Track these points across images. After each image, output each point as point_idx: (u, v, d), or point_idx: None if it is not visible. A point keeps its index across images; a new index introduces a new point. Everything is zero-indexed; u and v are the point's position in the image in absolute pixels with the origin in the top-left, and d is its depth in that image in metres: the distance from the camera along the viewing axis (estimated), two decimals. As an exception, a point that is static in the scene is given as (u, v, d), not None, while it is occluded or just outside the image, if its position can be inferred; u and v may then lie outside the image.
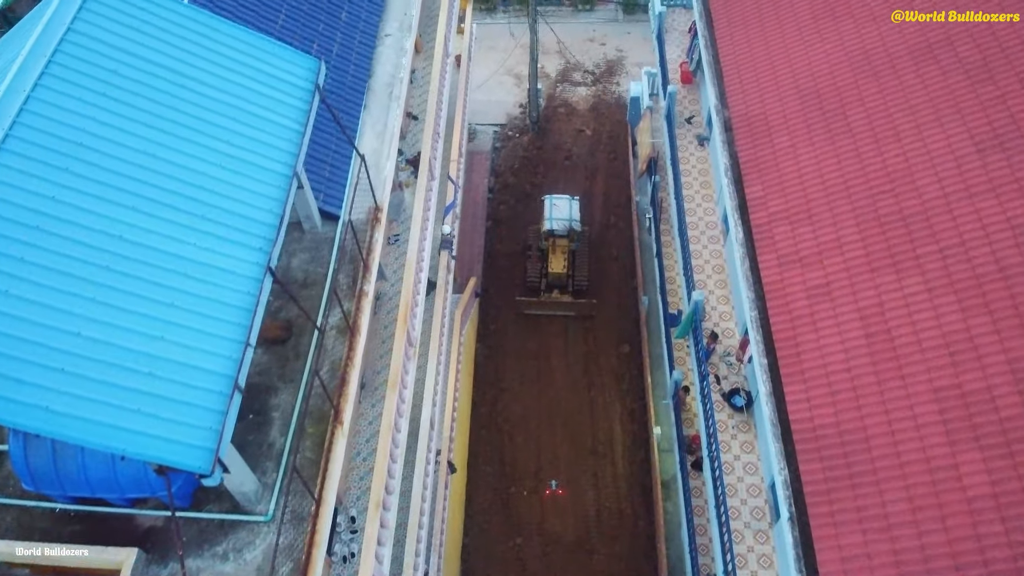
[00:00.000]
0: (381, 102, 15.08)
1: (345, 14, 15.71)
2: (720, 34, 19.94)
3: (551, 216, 28.49)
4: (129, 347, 7.97)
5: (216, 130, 9.78)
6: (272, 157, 9.95)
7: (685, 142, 23.64)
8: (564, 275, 28.79)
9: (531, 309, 29.17)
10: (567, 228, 28.51)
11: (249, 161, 9.76)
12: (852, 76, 17.04)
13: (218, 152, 9.62)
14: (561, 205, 28.78)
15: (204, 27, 10.51)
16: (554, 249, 28.97)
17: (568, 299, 28.88)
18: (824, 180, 15.99)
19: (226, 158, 9.63)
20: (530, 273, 29.34)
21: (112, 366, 7.80)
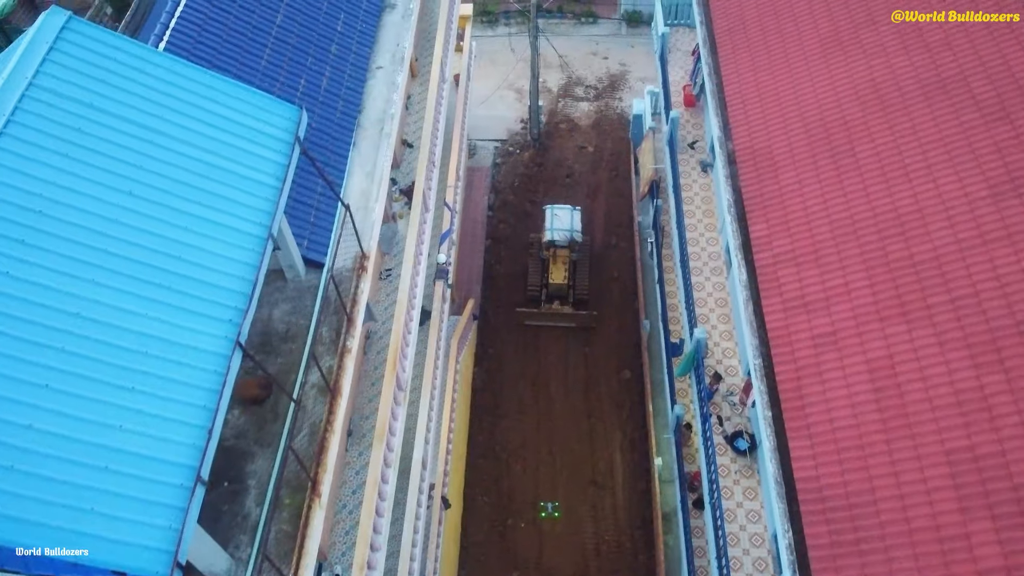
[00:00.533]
0: (371, 139, 14.51)
1: (335, 47, 15.15)
2: (724, 62, 19.34)
3: (552, 226, 28.17)
4: (85, 439, 7.41)
5: (185, 190, 9.22)
6: (246, 217, 9.39)
7: (688, 168, 23.05)
8: (564, 286, 28.48)
9: (531, 320, 28.81)
10: (568, 239, 28.15)
11: (220, 223, 9.19)
12: (861, 110, 16.43)
13: (186, 214, 9.06)
14: (562, 215, 28.46)
15: (175, 75, 9.94)
16: (555, 259, 28.62)
17: (568, 310, 28.48)
18: (831, 220, 15.38)
19: (195, 220, 9.07)
20: (531, 283, 28.96)
21: (66, 461, 7.24)
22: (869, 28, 17.57)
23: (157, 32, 13.17)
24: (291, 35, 14.76)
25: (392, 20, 16.75)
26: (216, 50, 13.53)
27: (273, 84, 13.87)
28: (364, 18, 16.18)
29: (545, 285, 28.67)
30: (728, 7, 20.26)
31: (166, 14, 13.32)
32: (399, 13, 16.92)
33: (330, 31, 15.36)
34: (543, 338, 28.84)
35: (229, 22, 14.02)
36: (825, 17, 18.40)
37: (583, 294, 28.56)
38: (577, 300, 28.69)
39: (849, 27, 17.85)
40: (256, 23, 14.39)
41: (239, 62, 13.68)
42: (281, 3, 15.02)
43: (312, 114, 14.04)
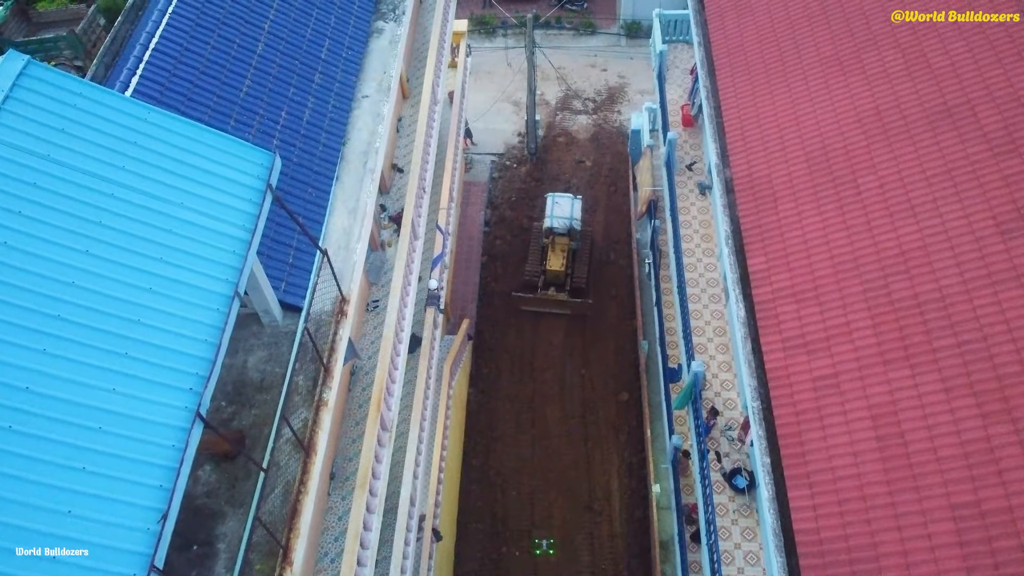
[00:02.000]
0: (355, 174, 14.00)
1: (318, 76, 14.64)
2: (723, 85, 18.80)
3: (552, 214, 28.25)
4: (29, 525, 6.91)
5: (146, 246, 8.71)
6: (211, 274, 8.88)
7: (686, 190, 22.52)
8: (562, 273, 28.49)
9: (527, 305, 28.83)
10: (567, 227, 28.17)
11: (183, 281, 8.68)
12: (864, 139, 15.88)
13: (147, 273, 8.55)
14: (563, 203, 28.56)
15: (139, 122, 9.43)
16: (553, 247, 28.61)
17: (564, 297, 28.43)
18: (833, 255, 14.84)
19: (156, 279, 8.56)
20: (529, 269, 28.98)
21: (7, 551, 6.74)
22: (872, 51, 17.03)
23: (131, 64, 12.66)
24: (272, 64, 14.25)
25: (379, 46, 16.23)
26: (192, 83, 13.02)
27: (252, 117, 13.36)
28: (350, 44, 15.67)
29: (543, 272, 28.54)
30: (727, 28, 19.73)
31: (140, 47, 12.82)
32: (387, 38, 16.40)
33: (314, 59, 14.85)
34: (540, 358, 28.33)
35: (207, 52, 13.52)
36: (827, 39, 17.86)
37: (580, 282, 28.49)
38: (574, 288, 28.47)
39: (852, 50, 17.31)
40: (236, 53, 13.89)
41: (217, 94, 13.17)
42: (262, 31, 14.52)
43: (292, 148, 13.54)
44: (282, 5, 15.10)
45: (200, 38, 13.56)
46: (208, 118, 12.82)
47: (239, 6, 14.42)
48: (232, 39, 13.98)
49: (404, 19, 16.56)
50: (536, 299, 28.67)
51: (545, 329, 29.00)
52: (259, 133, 13.27)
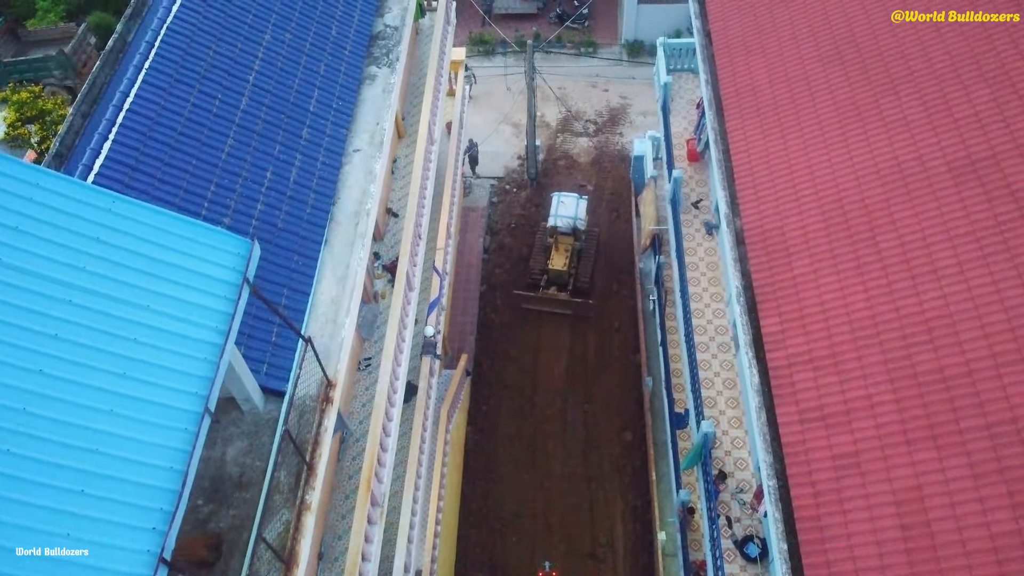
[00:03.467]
0: (345, 236, 13.17)
1: (307, 131, 13.81)
2: (731, 128, 17.96)
3: (556, 213, 28.03)
4: None
5: (108, 361, 7.88)
6: (179, 388, 8.05)
7: (692, 229, 21.71)
8: (564, 273, 28.09)
9: (528, 304, 28.63)
10: (571, 226, 27.81)
11: (148, 399, 7.85)
12: (883, 193, 15.05)
13: (108, 393, 7.73)
14: (568, 203, 28.27)
15: (102, 213, 8.61)
16: (557, 246, 28.26)
17: (565, 297, 28.04)
18: (852, 320, 14.01)
19: (118, 400, 7.73)
20: (532, 268, 28.73)
21: None
22: (890, 97, 16.20)
23: (103, 128, 11.84)
24: (257, 120, 13.42)
25: (372, 94, 15.40)
26: (170, 145, 12.19)
27: (235, 180, 12.53)
28: (341, 94, 14.84)
29: (546, 271, 28.26)
30: (736, 66, 18.90)
31: (113, 108, 11.99)
32: (379, 86, 15.57)
33: (302, 112, 14.02)
34: (541, 393, 27.50)
35: (186, 111, 12.69)
36: (842, 83, 17.03)
37: (583, 283, 28.19)
38: (576, 289, 28.17)
39: (869, 95, 16.48)
40: (218, 109, 13.06)
41: (196, 157, 12.34)
42: (246, 84, 13.69)
43: (278, 211, 12.71)
44: (268, 54, 14.28)
45: (179, 95, 12.73)
46: (187, 184, 12.00)
47: (222, 58, 13.60)
48: (214, 94, 13.15)
49: (398, 66, 15.73)
50: (537, 298, 28.37)
51: (546, 361, 28.19)
52: (242, 197, 12.44)
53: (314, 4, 15.66)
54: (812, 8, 18.71)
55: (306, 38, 15.04)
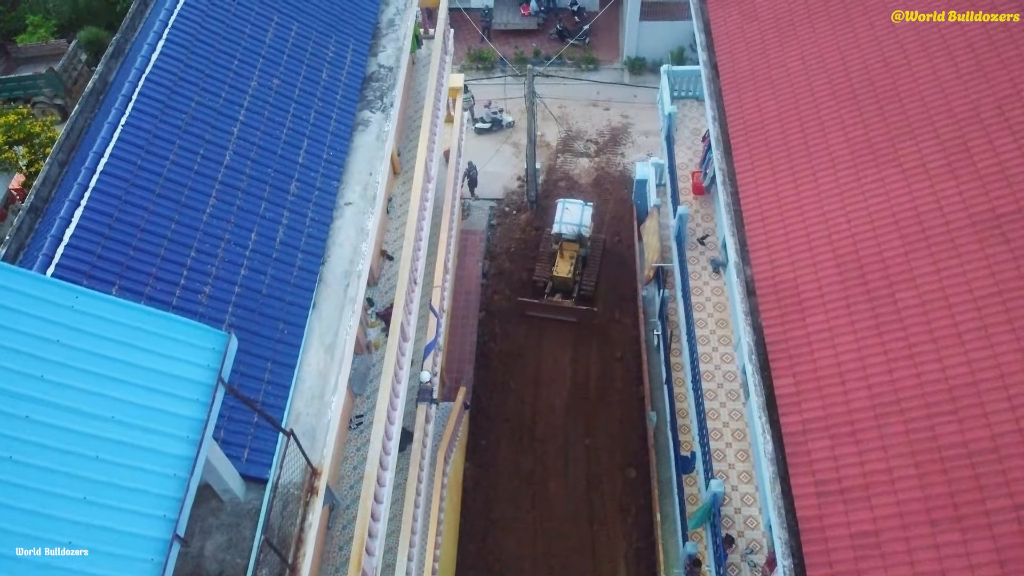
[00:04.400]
0: (334, 300, 12.42)
1: (295, 185, 13.06)
2: (740, 170, 17.21)
3: (561, 219, 27.98)
4: None
5: (68, 484, 7.14)
6: (145, 512, 7.30)
7: (698, 267, 20.98)
8: (569, 280, 27.94)
9: (532, 311, 28.47)
10: (576, 233, 27.68)
11: (112, 528, 7.11)
12: (902, 247, 14.30)
13: (68, 523, 6.98)
14: (573, 209, 28.19)
15: (63, 311, 7.86)
16: (561, 253, 28.04)
17: (570, 303, 27.74)
18: (870, 384, 13.26)
19: (77, 531, 6.99)
20: (537, 275, 28.67)
21: None
22: (908, 141, 15.45)
23: (75, 194, 11.08)
24: (242, 176, 12.67)
25: (365, 141, 14.64)
26: (146, 210, 11.44)
27: (216, 244, 11.78)
28: (332, 143, 14.09)
29: (550, 278, 28.12)
30: (744, 102, 18.15)
31: (86, 171, 11.24)
32: (373, 132, 14.81)
33: (290, 165, 13.27)
34: (542, 426, 26.77)
35: (165, 171, 11.93)
36: (856, 122, 16.28)
37: (588, 290, 28.05)
38: (581, 296, 28.03)
39: (885, 137, 15.73)
40: (200, 167, 12.31)
41: (175, 221, 11.59)
42: (230, 136, 12.93)
43: (263, 276, 11.96)
44: (255, 103, 13.52)
45: (157, 152, 11.98)
46: (165, 252, 11.25)
47: (205, 109, 12.84)
48: (195, 150, 12.39)
49: (392, 111, 14.97)
50: (541, 305, 28.14)
51: (546, 392, 27.46)
52: (224, 263, 11.69)
53: (303, 46, 14.91)
54: (824, 41, 17.97)
55: (295, 83, 14.29)
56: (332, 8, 15.81)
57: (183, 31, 13.37)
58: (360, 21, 16.12)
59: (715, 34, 19.99)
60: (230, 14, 14.19)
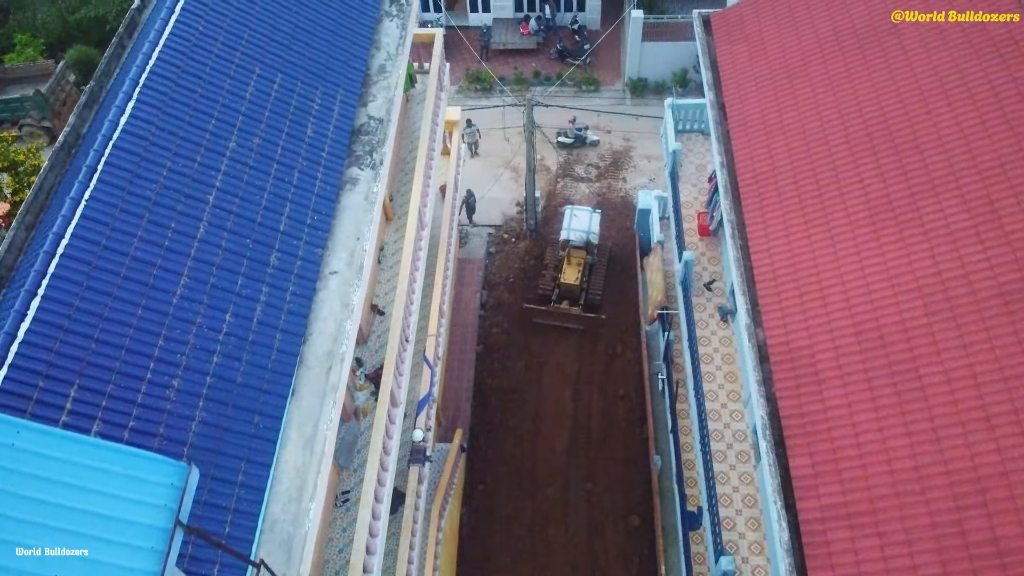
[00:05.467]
0: (315, 386, 11.50)
1: (276, 256, 12.14)
2: (750, 220, 16.30)
3: (569, 226, 27.83)
4: None
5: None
6: None
7: (705, 315, 20.06)
8: (576, 287, 27.70)
9: (539, 318, 28.09)
10: (584, 240, 27.58)
11: None
12: (925, 316, 13.39)
13: None
14: (581, 216, 28.06)
15: (4, 451, 6.97)
16: (569, 260, 27.94)
17: (577, 311, 27.47)
18: (893, 470, 12.34)
19: None
20: (544, 282, 28.41)
21: None
22: (930, 199, 14.54)
23: (39, 268, 10.20)
24: (217, 250, 11.75)
25: (352, 202, 13.72)
26: (110, 295, 10.52)
27: (187, 329, 10.87)
28: (317, 205, 13.17)
29: (557, 285, 27.87)
30: (753, 147, 17.24)
31: (45, 254, 10.33)
32: (361, 192, 13.88)
33: (270, 234, 12.35)
34: (542, 468, 25.82)
35: (132, 247, 11.02)
36: (874, 176, 15.36)
37: (595, 297, 27.82)
38: (588, 303, 27.73)
39: (906, 194, 14.81)
40: (170, 243, 11.39)
41: (141, 306, 10.68)
42: (206, 205, 12.02)
43: (238, 362, 11.05)
44: (233, 166, 12.61)
45: (124, 230, 11.07)
46: (130, 342, 10.34)
47: (178, 176, 11.94)
48: (166, 224, 11.48)
49: (382, 169, 14.06)
50: (548, 312, 27.73)
51: (547, 432, 26.52)
52: (196, 350, 10.78)
53: (287, 99, 14.00)
54: (838, 84, 17.06)
55: (278, 141, 13.38)
56: (318, 56, 14.90)
57: (156, 90, 12.46)
58: (349, 69, 15.21)
59: (722, 71, 19.09)
60: (208, 68, 13.28)
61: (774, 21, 19.09)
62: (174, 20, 13.43)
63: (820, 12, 18.42)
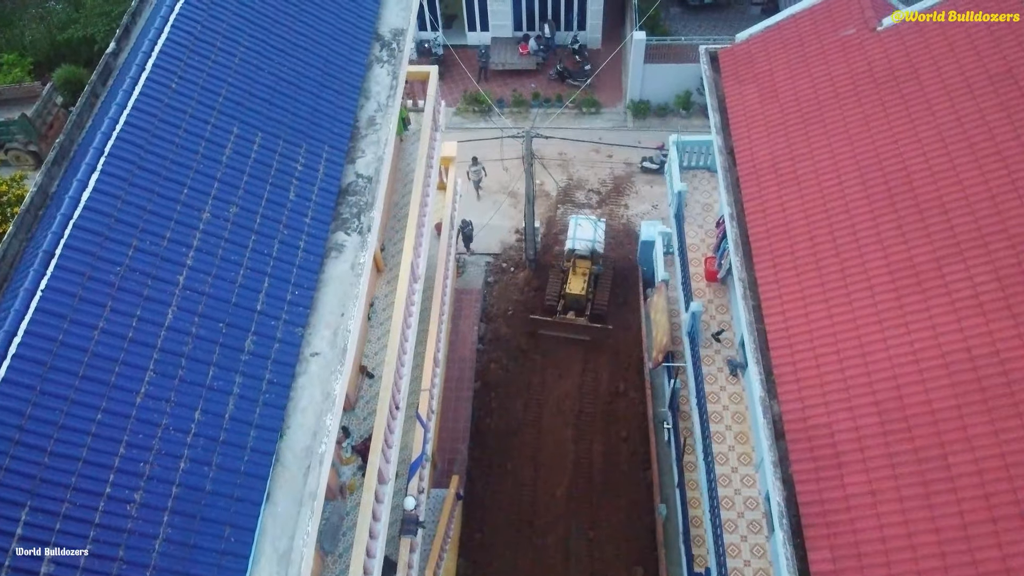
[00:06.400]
0: (292, 487, 10.53)
1: (251, 340, 11.17)
2: (762, 277, 15.34)
3: (574, 236, 27.89)
4: None
5: None
6: None
7: (714, 368, 19.09)
8: (582, 297, 27.58)
9: (545, 329, 27.96)
10: (589, 249, 27.53)
11: None
12: (954, 398, 12.42)
13: None
14: (585, 225, 28.09)
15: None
16: (574, 270, 27.84)
17: (583, 321, 27.32)
18: (920, 570, 11.38)
19: None
20: (549, 293, 28.28)
21: None
22: (958, 264, 13.56)
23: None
24: (186, 338, 10.78)
25: (337, 272, 12.74)
26: (66, 398, 9.56)
27: (151, 432, 9.89)
28: (298, 278, 12.18)
29: (563, 295, 27.73)
30: (765, 199, 16.28)
31: (4, 334, 9.39)
32: (347, 260, 12.89)
33: (246, 316, 11.38)
34: (541, 516, 24.87)
35: (91, 343, 10.03)
36: (895, 237, 14.38)
37: (601, 308, 27.71)
38: (594, 314, 27.60)
39: (930, 259, 13.83)
40: (135, 334, 10.41)
41: (100, 409, 9.71)
42: (175, 287, 11.04)
43: (207, 468, 10.07)
44: (206, 240, 11.63)
45: (83, 322, 10.10)
46: (88, 452, 9.38)
47: (145, 256, 10.97)
48: (130, 311, 10.51)
49: (370, 236, 13.08)
50: (554, 323, 27.60)
51: (547, 477, 25.57)
52: (160, 456, 9.82)
53: (268, 160, 13.02)
54: (855, 133, 16.10)
55: (256, 209, 12.41)
56: (302, 110, 13.94)
57: (122, 158, 11.48)
58: (336, 123, 14.24)
59: (731, 114, 18.13)
60: (181, 131, 12.31)
61: (785, 61, 18.13)
62: (145, 78, 12.46)
63: (834, 53, 17.46)
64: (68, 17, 39.49)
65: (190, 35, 13.50)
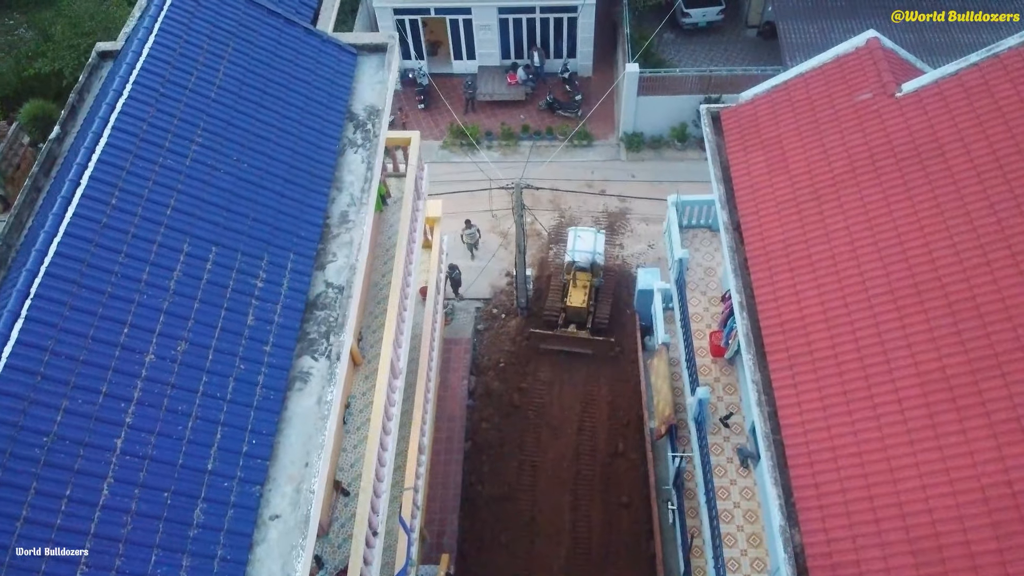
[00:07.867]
0: None
1: (200, 511, 9.68)
2: (778, 381, 13.95)
3: (574, 247, 27.38)
4: None
5: None
6: None
7: (722, 459, 17.70)
8: (583, 310, 27.09)
9: (546, 343, 27.41)
10: (589, 261, 27.10)
11: None
12: (995, 542, 11.04)
13: None
14: (585, 237, 27.57)
15: None
16: (575, 282, 27.36)
17: (585, 335, 26.86)
18: None
19: None
20: (549, 306, 27.84)
21: None
22: (997, 379, 12.14)
23: None
24: (124, 517, 9.29)
25: (302, 409, 11.20)
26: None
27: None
28: (256, 423, 10.65)
29: (563, 308, 27.31)
30: (778, 291, 14.87)
31: None
32: (314, 394, 11.34)
33: (193, 480, 9.85)
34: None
35: (12, 541, 8.56)
36: (928, 347, 12.91)
37: (603, 321, 27.23)
38: (596, 327, 27.13)
39: (966, 371, 12.41)
40: (63, 520, 8.93)
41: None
42: (110, 455, 9.56)
43: None
44: (148, 392, 10.12)
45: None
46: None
47: (75, 419, 9.46)
48: (59, 492, 9.01)
49: (340, 364, 11.58)
50: (556, 336, 27.11)
51: (543, 549, 24.20)
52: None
53: (224, 280, 11.50)
54: (876, 215, 14.68)
55: (208, 343, 10.90)
56: (265, 214, 12.41)
57: (50, 299, 9.97)
58: (303, 224, 12.73)
59: (737, 187, 16.71)
60: (121, 256, 10.78)
61: (795, 126, 16.71)
62: (80, 193, 10.94)
63: (849, 120, 16.05)
64: (36, 47, 37.75)
65: (135, 132, 11.97)
